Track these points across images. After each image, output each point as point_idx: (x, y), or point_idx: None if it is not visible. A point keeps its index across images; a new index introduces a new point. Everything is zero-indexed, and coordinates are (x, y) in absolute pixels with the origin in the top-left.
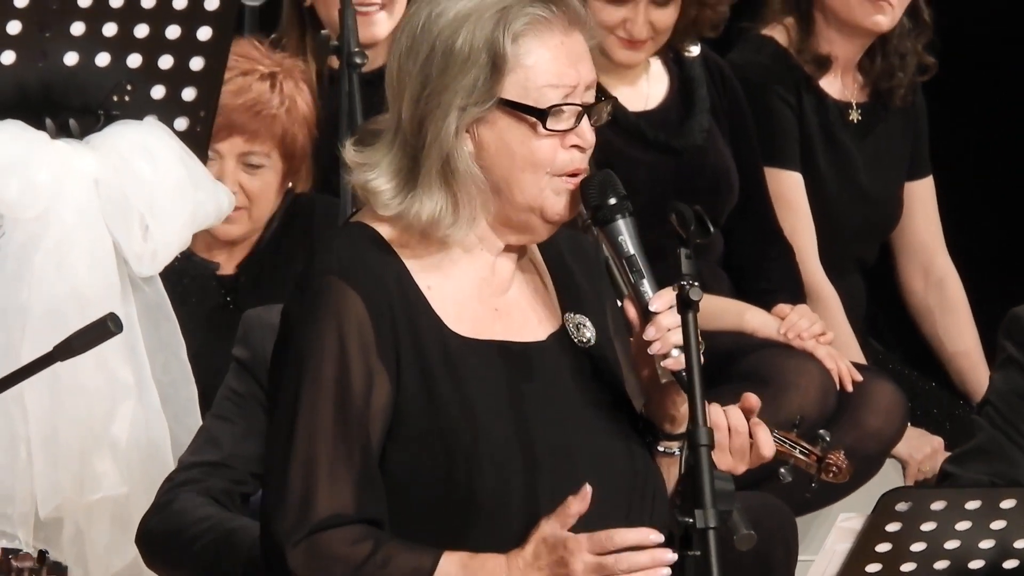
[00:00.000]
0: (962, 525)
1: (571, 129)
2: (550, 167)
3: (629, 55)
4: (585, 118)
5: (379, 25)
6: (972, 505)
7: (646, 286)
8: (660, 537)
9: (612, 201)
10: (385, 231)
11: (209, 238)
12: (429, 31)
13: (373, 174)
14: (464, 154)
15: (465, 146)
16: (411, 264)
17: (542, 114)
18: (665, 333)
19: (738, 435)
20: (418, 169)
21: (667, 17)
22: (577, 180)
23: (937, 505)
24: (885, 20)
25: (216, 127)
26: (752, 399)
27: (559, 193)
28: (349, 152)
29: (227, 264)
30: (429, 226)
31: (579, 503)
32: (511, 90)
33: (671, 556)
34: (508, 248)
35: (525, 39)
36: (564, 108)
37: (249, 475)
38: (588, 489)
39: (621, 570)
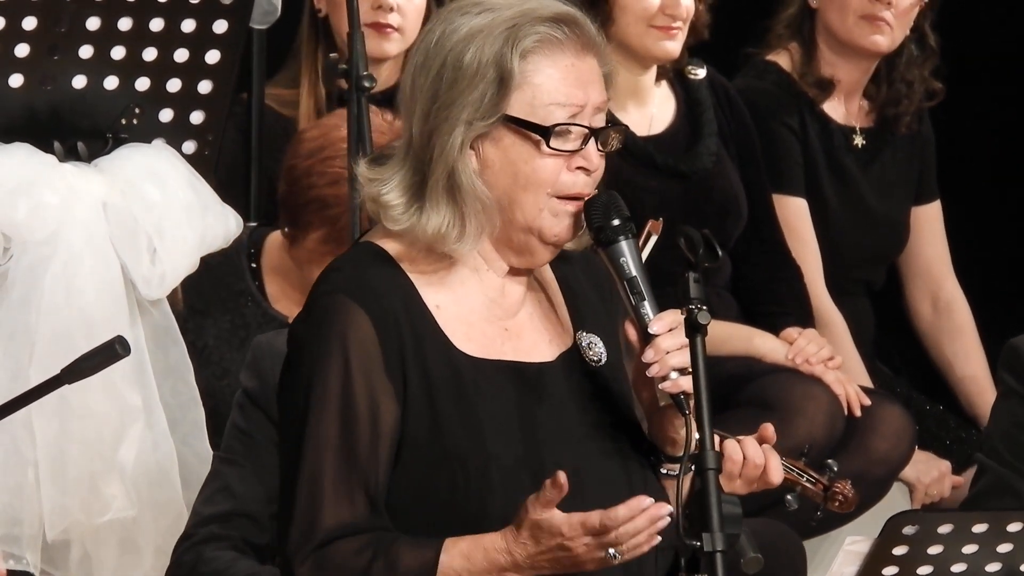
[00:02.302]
0: (969, 548)
1: (577, 151)
2: (551, 187)
3: (668, 46)
4: (592, 142)
5: (393, 44)
6: (979, 528)
7: (647, 308)
8: (649, 500)
9: (615, 222)
10: (393, 249)
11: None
12: (442, 47)
13: (385, 188)
14: (468, 169)
15: (470, 162)
16: (419, 282)
17: (546, 132)
18: (664, 356)
19: (755, 467)
20: (426, 184)
21: (691, 0)
22: (578, 204)
23: (944, 528)
24: (883, 40)
25: None
26: (769, 432)
27: (557, 215)
28: (362, 167)
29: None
30: (435, 240)
31: (555, 491)
32: (517, 107)
33: (666, 507)
34: (514, 271)
35: (534, 57)
36: (571, 128)
37: (267, 518)
38: (562, 477)
39: (623, 541)
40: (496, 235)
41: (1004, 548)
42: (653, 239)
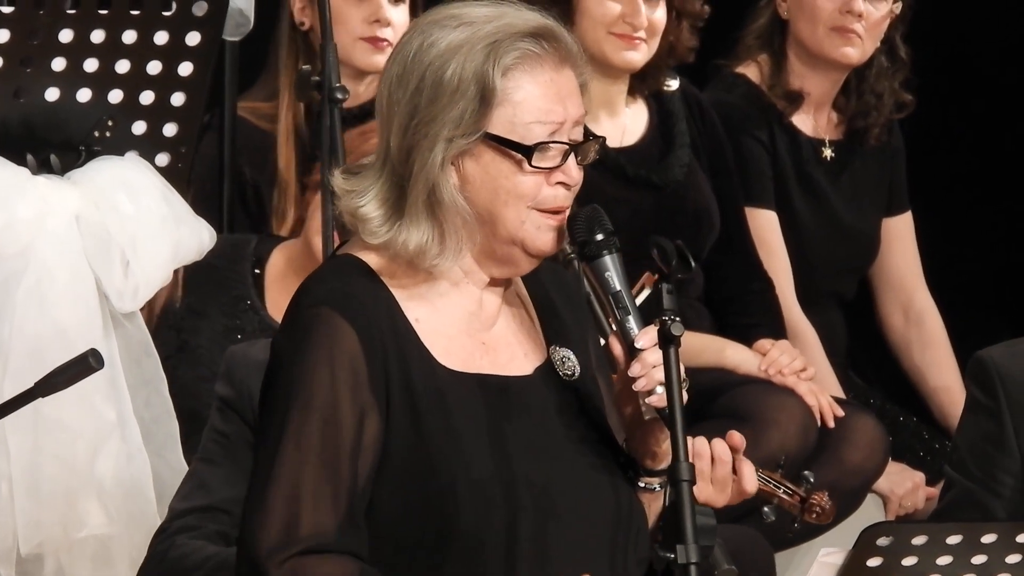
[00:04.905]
0: (943, 560)
1: (557, 167)
2: (532, 201)
3: (628, 56)
4: (572, 156)
5: (386, 57)
6: (953, 540)
7: (632, 322)
8: None
9: (599, 237)
10: (373, 262)
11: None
12: (420, 60)
13: (363, 200)
14: (449, 186)
15: (450, 178)
16: (399, 295)
17: (528, 151)
18: (650, 370)
19: (721, 464)
20: (405, 199)
21: (660, 14)
22: (559, 218)
23: (918, 540)
24: (854, 52)
25: None
26: (737, 437)
27: (539, 228)
28: (338, 179)
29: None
30: (415, 256)
31: None
32: (498, 124)
33: None
34: (493, 282)
35: (515, 73)
36: (551, 146)
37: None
38: None
39: None
40: (478, 247)
41: (978, 559)
42: (646, 292)
